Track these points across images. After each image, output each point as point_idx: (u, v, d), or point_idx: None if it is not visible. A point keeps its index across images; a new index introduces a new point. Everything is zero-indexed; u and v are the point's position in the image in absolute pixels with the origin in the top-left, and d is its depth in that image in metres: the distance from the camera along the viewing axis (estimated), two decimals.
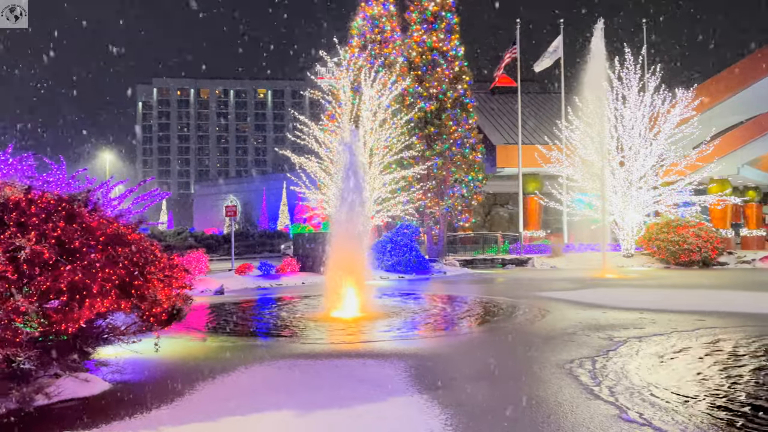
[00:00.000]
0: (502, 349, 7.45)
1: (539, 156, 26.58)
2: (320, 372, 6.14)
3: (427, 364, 6.43)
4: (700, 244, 22.79)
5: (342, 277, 10.91)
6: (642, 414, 4.59)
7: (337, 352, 7.26)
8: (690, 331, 8.34)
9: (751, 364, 6.38)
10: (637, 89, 24.57)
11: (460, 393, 5.29)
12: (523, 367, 6.30)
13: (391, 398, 5.12)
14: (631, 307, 11.10)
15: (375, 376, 5.93)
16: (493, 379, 5.85)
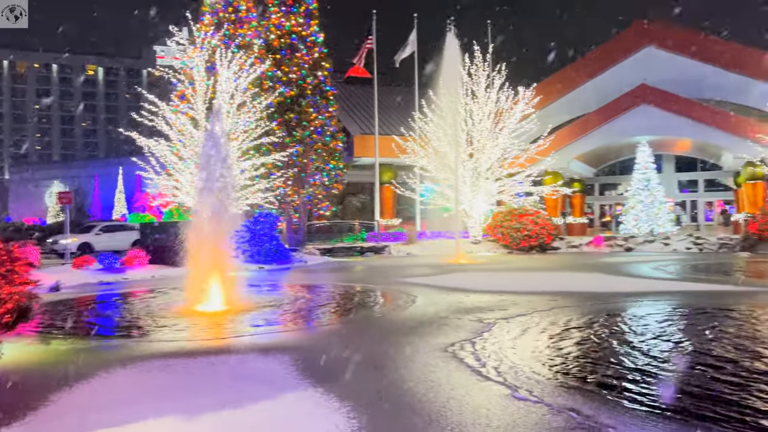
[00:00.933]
0: (383, 336, 7.43)
1: (396, 147, 27.27)
2: (197, 372, 5.64)
3: (313, 356, 6.20)
4: (538, 230, 24.97)
5: (204, 269, 10.23)
6: (531, 391, 4.80)
7: (211, 348, 6.75)
8: (548, 311, 9.00)
9: (613, 335, 7.04)
10: (485, 86, 26.17)
11: (354, 384, 5.15)
12: (409, 352, 6.33)
13: (284, 394, 4.83)
14: (490, 290, 11.78)
15: (260, 372, 5.58)
16: (384, 366, 5.79)
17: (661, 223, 27.41)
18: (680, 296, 10.81)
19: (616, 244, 25.67)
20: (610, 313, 8.86)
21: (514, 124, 25.64)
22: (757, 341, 6.76)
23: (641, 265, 17.56)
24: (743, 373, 5.30)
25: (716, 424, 4.03)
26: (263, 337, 7.36)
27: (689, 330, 7.51)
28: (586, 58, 31.69)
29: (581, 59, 31.91)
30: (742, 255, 21.22)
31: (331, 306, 10.38)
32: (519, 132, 26.07)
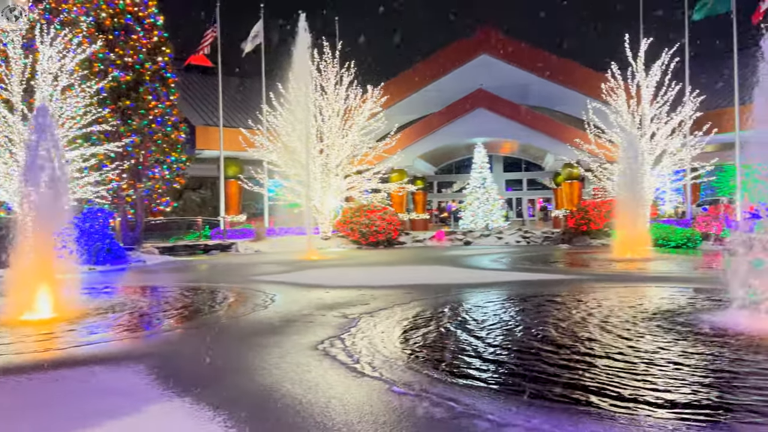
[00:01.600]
0: (246, 338, 7.05)
1: (244, 140, 26.33)
2: (41, 388, 4.87)
3: (172, 364, 5.68)
4: (386, 226, 25.75)
5: (28, 271, 8.96)
6: (410, 385, 4.83)
7: (50, 361, 5.87)
8: (407, 303, 9.23)
9: (477, 324, 7.37)
10: (335, 82, 26.30)
11: (225, 390, 4.79)
12: (278, 353, 6.06)
13: (150, 407, 4.33)
14: (348, 285, 11.82)
15: (116, 384, 4.97)
16: (253, 370, 5.46)
17: (495, 219, 29.77)
18: (523, 285, 11.71)
19: (456, 238, 27.36)
20: (467, 303, 9.34)
21: (363, 121, 26.11)
22: (585, 324, 7.51)
23: (481, 258, 18.88)
24: (585, 354, 5.85)
25: (582, 405, 4.37)
26: (109, 346, 6.59)
27: (540, 317, 8.13)
28: (429, 61, 33.28)
29: (425, 62, 33.44)
30: (563, 247, 23.78)
31: (181, 308, 9.64)
32: (368, 129, 26.61)
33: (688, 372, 5.08)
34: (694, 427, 3.81)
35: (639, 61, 24.50)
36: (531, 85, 32.26)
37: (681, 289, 10.66)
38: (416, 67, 33.50)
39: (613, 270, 14.44)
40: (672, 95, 24.29)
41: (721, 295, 9.49)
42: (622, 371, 5.11)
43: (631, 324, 7.29)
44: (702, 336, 6.49)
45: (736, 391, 4.57)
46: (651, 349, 5.96)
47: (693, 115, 24.24)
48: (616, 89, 24.84)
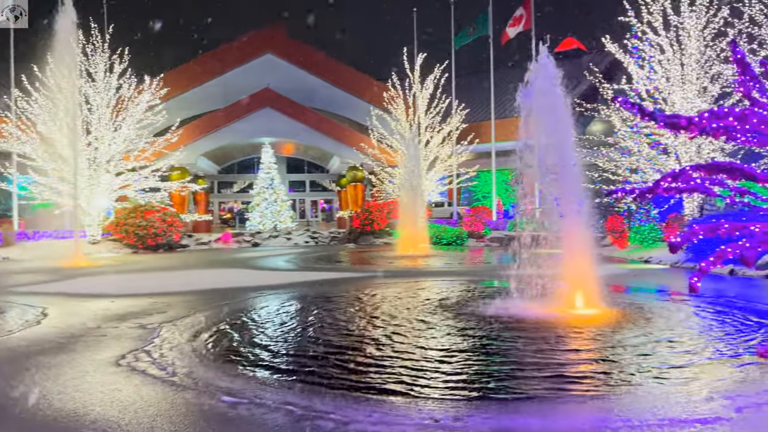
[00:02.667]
0: (28, 358, 5.89)
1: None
2: None
3: None
4: (166, 228, 23.92)
5: None
6: (242, 393, 4.54)
7: None
8: (210, 309, 8.68)
9: (286, 325, 7.20)
10: (105, 69, 23.66)
11: (17, 424, 3.94)
12: (74, 372, 5.20)
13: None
14: (135, 293, 10.70)
15: None
16: (49, 394, 4.59)
17: (283, 220, 29.70)
18: (319, 284, 11.84)
19: (244, 240, 26.65)
20: (269, 305, 9.12)
21: (140, 114, 23.92)
22: (371, 317, 7.90)
23: (274, 259, 18.69)
24: (381, 345, 6.15)
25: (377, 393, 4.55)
26: None
27: (339, 314, 8.28)
28: (214, 54, 31.90)
29: (209, 55, 31.97)
30: (350, 246, 24.70)
31: None
32: (144, 123, 24.45)
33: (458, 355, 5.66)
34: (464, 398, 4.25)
35: (415, 73, 26.64)
36: (317, 89, 32.93)
37: (461, 281, 11.86)
38: (200, 60, 31.88)
39: (400, 266, 15.45)
40: (443, 107, 26.93)
41: (492, 285, 10.81)
42: (406, 356, 5.49)
43: (422, 313, 7.88)
44: (485, 322, 7.29)
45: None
46: (440, 334, 6.51)
47: (459, 126, 27.15)
48: (396, 99, 26.66)
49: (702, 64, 14.71)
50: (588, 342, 6.16)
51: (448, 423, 3.84)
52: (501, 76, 32.83)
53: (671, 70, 14.88)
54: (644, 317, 7.40)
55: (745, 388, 4.46)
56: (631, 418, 3.85)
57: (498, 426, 3.78)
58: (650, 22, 15.20)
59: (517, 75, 34.02)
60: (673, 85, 14.84)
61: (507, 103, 32.79)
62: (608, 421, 3.81)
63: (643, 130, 15.41)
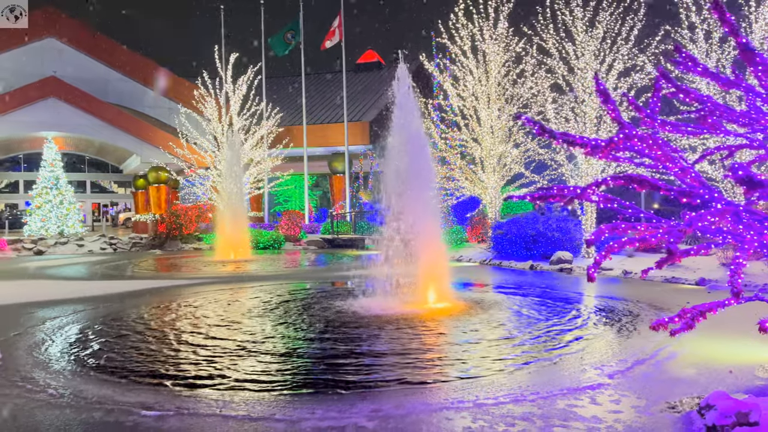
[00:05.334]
0: None
1: None
2: None
3: None
4: None
5: None
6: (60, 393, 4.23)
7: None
8: (55, 318, 7.62)
9: (123, 337, 6.67)
10: None
11: None
12: None
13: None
14: None
15: None
16: None
17: (71, 224, 26.43)
18: (150, 293, 11.00)
19: (24, 247, 23.23)
20: (93, 316, 8.30)
21: None
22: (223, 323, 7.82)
23: (70, 268, 16.69)
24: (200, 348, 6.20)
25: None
26: None
27: (189, 322, 7.92)
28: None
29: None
30: (157, 252, 23.02)
31: None
32: None
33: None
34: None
35: (227, 73, 25.89)
36: (112, 82, 29.95)
37: (299, 283, 12.02)
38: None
39: (226, 272, 14.96)
40: (258, 109, 26.58)
41: (334, 286, 11.20)
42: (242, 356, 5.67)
43: (278, 315, 7.97)
44: (343, 320, 7.64)
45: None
46: (295, 334, 6.73)
47: (274, 130, 27.05)
48: (207, 98, 25.61)
49: (502, 87, 16.94)
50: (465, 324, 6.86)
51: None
52: (313, 82, 33.56)
53: (478, 90, 16.86)
54: (484, 307, 8.42)
55: (599, 359, 5.47)
56: (539, 391, 4.50)
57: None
58: (460, 46, 17.04)
59: (329, 81, 35.12)
60: (480, 102, 16.85)
61: (318, 109, 33.56)
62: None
63: (455, 143, 17.20)
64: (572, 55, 14.83)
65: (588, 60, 14.59)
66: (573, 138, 4.54)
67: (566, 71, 14.89)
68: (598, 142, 4.37)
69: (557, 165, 15.56)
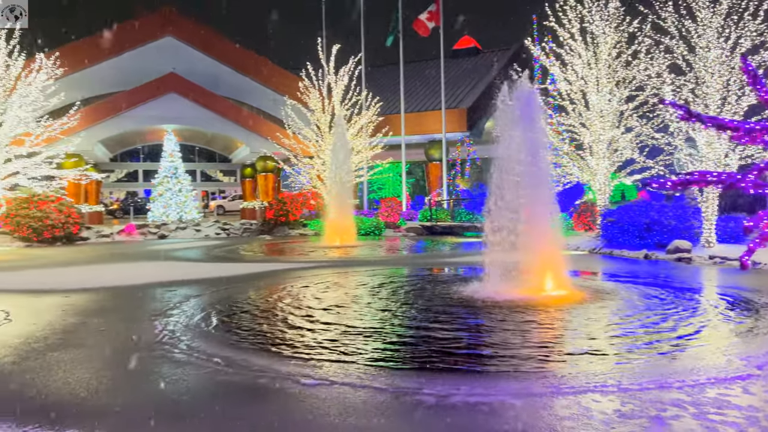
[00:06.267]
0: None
1: None
2: None
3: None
4: (64, 219, 22.15)
5: None
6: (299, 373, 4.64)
7: None
8: (198, 296, 8.42)
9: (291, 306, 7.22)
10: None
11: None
12: (131, 361, 4.98)
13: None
14: (79, 288, 10.02)
15: None
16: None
17: (188, 211, 28.47)
18: (277, 274, 11.74)
19: (150, 231, 25.30)
20: (271, 290, 8.97)
21: (36, 94, 21.77)
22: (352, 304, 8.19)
23: (194, 251, 18.03)
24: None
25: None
26: None
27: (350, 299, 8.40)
28: (107, 33, 29.61)
29: (104, 33, 29.62)
30: (267, 237, 24.29)
31: None
32: (36, 107, 22.28)
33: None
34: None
35: (330, 64, 26.66)
36: (222, 76, 31.70)
37: (410, 268, 12.35)
38: (94, 38, 29.46)
39: (338, 256, 15.54)
40: (359, 99, 27.24)
41: (450, 272, 11.39)
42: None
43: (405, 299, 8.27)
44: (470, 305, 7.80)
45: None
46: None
47: (374, 119, 27.61)
48: (311, 89, 26.53)
49: (612, 70, 16.34)
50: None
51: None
52: (410, 71, 33.81)
53: (587, 74, 16.38)
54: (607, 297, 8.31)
55: (742, 350, 5.32)
56: (684, 378, 4.50)
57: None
58: (568, 28, 16.58)
59: (426, 69, 35.12)
60: (589, 86, 16.37)
61: (415, 97, 33.81)
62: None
63: (561, 128, 16.84)
64: (693, 33, 14.02)
65: (710, 38, 13.76)
66: (722, 122, 4.45)
67: (686, 50, 14.11)
68: (752, 126, 4.27)
69: (672, 149, 14.82)
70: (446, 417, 3.81)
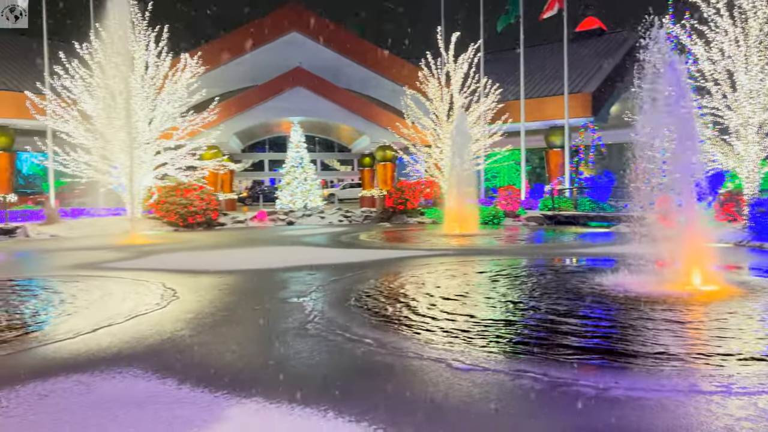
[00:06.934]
0: (268, 336, 6.15)
1: (32, 106, 22.18)
2: (34, 410, 3.68)
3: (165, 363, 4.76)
4: (205, 206, 24.10)
5: None
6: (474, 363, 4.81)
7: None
8: (335, 280, 8.93)
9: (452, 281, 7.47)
10: (145, 45, 23.54)
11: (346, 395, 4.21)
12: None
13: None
14: (229, 269, 10.97)
15: (133, 391, 4.00)
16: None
17: (313, 199, 29.88)
18: (417, 260, 12.07)
19: (279, 218, 26.83)
20: (403, 275, 9.32)
21: (182, 90, 23.88)
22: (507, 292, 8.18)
23: (321, 237, 18.88)
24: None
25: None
26: (77, 346, 5.20)
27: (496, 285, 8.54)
28: (239, 32, 31.68)
29: (235, 33, 31.74)
30: (386, 225, 24.91)
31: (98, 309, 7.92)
32: (182, 103, 24.42)
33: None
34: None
35: (449, 53, 26.63)
36: (343, 68, 32.79)
37: (540, 258, 12.14)
38: (225, 38, 31.64)
39: (462, 244, 15.62)
40: (479, 86, 27.02)
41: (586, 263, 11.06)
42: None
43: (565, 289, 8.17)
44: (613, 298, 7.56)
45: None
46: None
47: (494, 106, 27.27)
48: (429, 78, 26.68)
49: (765, 47, 14.91)
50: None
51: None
52: (530, 55, 32.86)
53: (734, 52, 15.08)
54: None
55: None
56: None
57: None
58: (713, 3, 15.35)
59: (546, 53, 34.05)
60: (737, 65, 15.07)
61: (534, 83, 32.86)
62: None
63: (706, 112, 15.66)
64: None
65: None
66: None
67: None
68: None
69: None
70: (611, 410, 3.81)
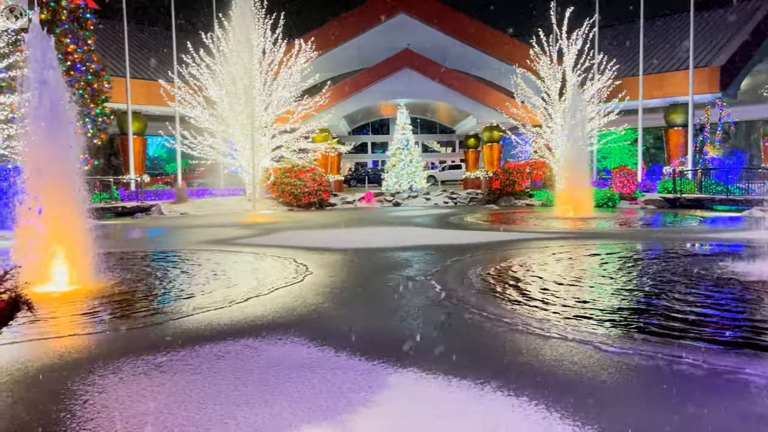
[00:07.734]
0: (443, 313, 6.55)
1: (165, 93, 24.07)
2: (216, 368, 4.16)
3: (333, 332, 5.15)
4: (317, 187, 25.09)
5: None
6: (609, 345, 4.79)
7: (187, 333, 5.02)
8: (456, 260, 9.10)
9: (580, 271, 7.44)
10: (263, 33, 24.70)
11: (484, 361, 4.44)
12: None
13: (384, 388, 3.89)
14: (350, 247, 11.42)
15: (301, 357, 4.40)
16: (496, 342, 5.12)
17: (418, 181, 30.15)
18: (525, 242, 11.98)
19: (385, 199, 27.38)
20: (523, 258, 9.33)
21: (297, 76, 24.88)
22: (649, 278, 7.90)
23: (430, 218, 19.06)
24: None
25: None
26: (235, 314, 5.79)
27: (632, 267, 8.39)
28: (348, 16, 32.34)
29: (344, 17, 32.44)
30: (494, 207, 24.69)
31: (261, 278, 8.66)
32: (296, 87, 25.42)
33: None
34: None
35: (562, 29, 25.66)
36: (449, 48, 32.57)
37: (670, 243, 11.58)
38: (334, 22, 32.40)
39: (583, 227, 15.12)
40: (593, 63, 25.89)
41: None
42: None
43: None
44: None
45: None
46: None
47: (610, 83, 26.05)
48: (540, 56, 25.89)
49: None
50: None
51: None
52: (651, 27, 30.94)
53: None
54: None
55: None
56: None
57: None
58: None
59: (668, 25, 31.77)
60: None
61: (654, 57, 30.90)
62: None
63: None
64: None
65: None
66: None
67: None
68: None
69: None
70: None
